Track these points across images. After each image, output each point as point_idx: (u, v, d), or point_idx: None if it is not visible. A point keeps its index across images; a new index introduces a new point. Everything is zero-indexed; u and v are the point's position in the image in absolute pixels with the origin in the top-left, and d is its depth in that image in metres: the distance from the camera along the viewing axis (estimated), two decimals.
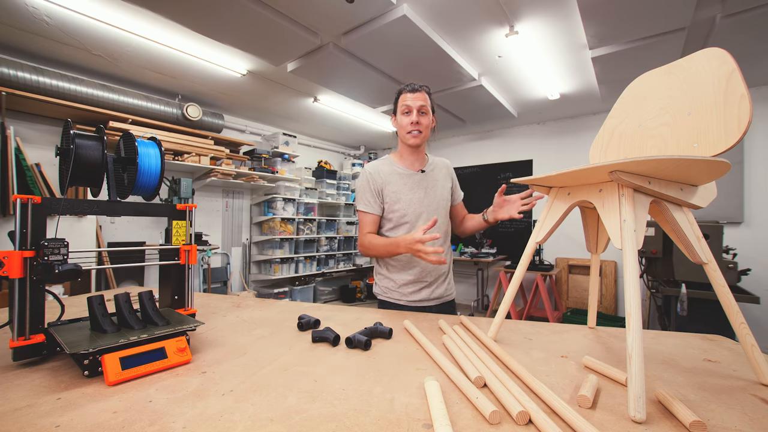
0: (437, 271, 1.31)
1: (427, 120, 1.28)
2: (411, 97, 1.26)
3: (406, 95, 1.27)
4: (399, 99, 1.31)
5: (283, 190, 4.57)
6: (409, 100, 1.26)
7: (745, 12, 2.25)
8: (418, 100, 1.26)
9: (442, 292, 1.33)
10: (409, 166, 1.35)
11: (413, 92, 1.27)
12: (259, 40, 2.57)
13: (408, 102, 1.26)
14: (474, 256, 4.65)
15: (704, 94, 0.66)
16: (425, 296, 1.29)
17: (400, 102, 1.29)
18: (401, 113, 1.29)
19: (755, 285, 3.31)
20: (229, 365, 0.69)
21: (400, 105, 1.29)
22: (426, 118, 1.28)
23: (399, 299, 1.30)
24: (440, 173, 1.38)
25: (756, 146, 3.50)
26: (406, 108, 1.27)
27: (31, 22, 2.45)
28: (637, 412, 0.49)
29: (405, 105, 1.27)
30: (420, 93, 1.27)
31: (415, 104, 1.26)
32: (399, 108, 1.30)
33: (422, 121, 1.27)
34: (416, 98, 1.26)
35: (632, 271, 0.56)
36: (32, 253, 0.67)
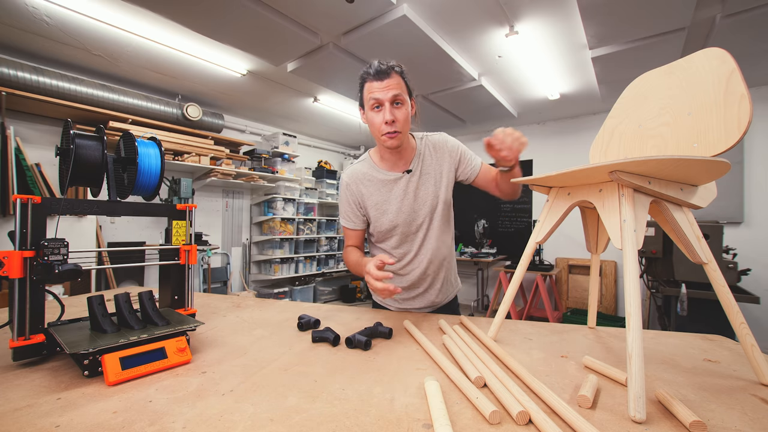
0: (433, 276, 1.17)
1: (405, 111, 1.01)
2: (379, 87, 0.97)
3: (372, 84, 0.98)
4: (364, 89, 1.02)
5: (283, 190, 4.57)
6: (378, 91, 0.97)
7: (745, 12, 2.25)
8: (390, 89, 0.97)
9: (441, 297, 1.21)
10: (392, 167, 1.12)
11: (380, 79, 0.97)
12: (259, 40, 2.57)
13: (377, 94, 0.97)
14: (474, 256, 4.65)
15: (704, 94, 0.66)
16: (422, 305, 1.19)
17: (366, 93, 1.00)
18: (370, 108, 1.01)
19: (755, 285, 3.31)
20: (229, 365, 0.69)
21: (367, 97, 1.00)
22: (402, 109, 1.00)
23: (390, 305, 1.23)
24: (434, 161, 1.13)
25: (756, 146, 3.50)
26: (375, 102, 0.98)
27: (31, 22, 2.45)
28: (637, 412, 0.49)
29: (373, 98, 0.98)
30: (390, 78, 0.97)
31: (387, 95, 0.97)
32: (366, 101, 1.01)
33: (398, 117, 0.99)
34: (387, 87, 0.97)
35: (632, 271, 0.56)
36: (32, 253, 0.67)
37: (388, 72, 0.98)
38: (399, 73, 1.01)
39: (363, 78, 1.02)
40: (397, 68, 1.00)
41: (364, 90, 1.02)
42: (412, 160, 1.12)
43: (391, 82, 0.98)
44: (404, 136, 1.04)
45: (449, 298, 1.25)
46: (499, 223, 5.12)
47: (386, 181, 1.12)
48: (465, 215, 5.35)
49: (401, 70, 1.02)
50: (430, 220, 1.13)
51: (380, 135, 1.02)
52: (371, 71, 0.99)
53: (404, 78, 1.03)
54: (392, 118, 0.98)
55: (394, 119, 0.99)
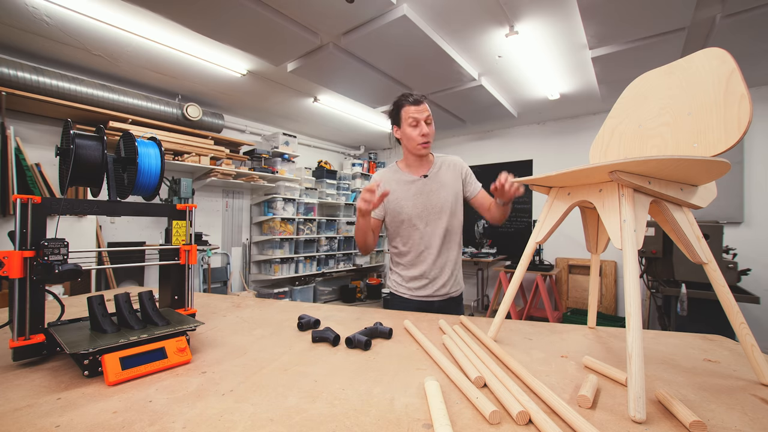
0: (440, 268, 1.36)
1: (433, 129, 1.35)
2: (416, 110, 1.31)
3: (410, 108, 1.32)
4: (402, 111, 1.34)
5: (283, 190, 4.57)
6: (416, 113, 1.31)
7: (745, 12, 2.25)
8: (424, 112, 1.31)
9: (447, 289, 1.37)
10: (414, 172, 1.41)
11: (417, 104, 1.31)
12: (259, 40, 2.57)
13: (415, 115, 1.31)
14: (474, 256, 4.65)
15: (704, 93, 0.66)
16: (430, 292, 1.35)
17: (405, 115, 1.33)
18: (408, 125, 1.33)
19: (755, 285, 3.31)
20: (229, 365, 0.69)
21: (405, 117, 1.33)
22: (431, 127, 1.34)
23: (404, 293, 1.39)
24: (447, 173, 1.41)
25: (756, 146, 3.50)
26: (414, 121, 1.31)
27: (31, 22, 2.45)
28: (637, 412, 0.49)
29: (412, 118, 1.31)
30: (423, 104, 1.33)
31: (422, 116, 1.31)
32: (404, 120, 1.34)
33: (430, 131, 1.33)
34: (421, 110, 1.31)
35: (632, 271, 0.56)
36: (32, 253, 0.67)
37: (422, 100, 1.33)
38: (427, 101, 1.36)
39: (401, 103, 1.35)
40: (426, 98, 1.36)
41: (402, 112, 1.34)
42: (430, 168, 1.42)
43: (424, 108, 1.32)
44: (430, 146, 1.36)
45: (453, 293, 1.40)
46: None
47: (407, 182, 1.39)
48: (465, 215, 5.33)
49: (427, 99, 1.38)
50: (440, 219, 1.36)
51: (417, 145, 1.33)
52: (410, 99, 1.33)
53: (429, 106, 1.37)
54: (428, 131, 1.32)
55: (428, 132, 1.32)
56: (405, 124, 1.34)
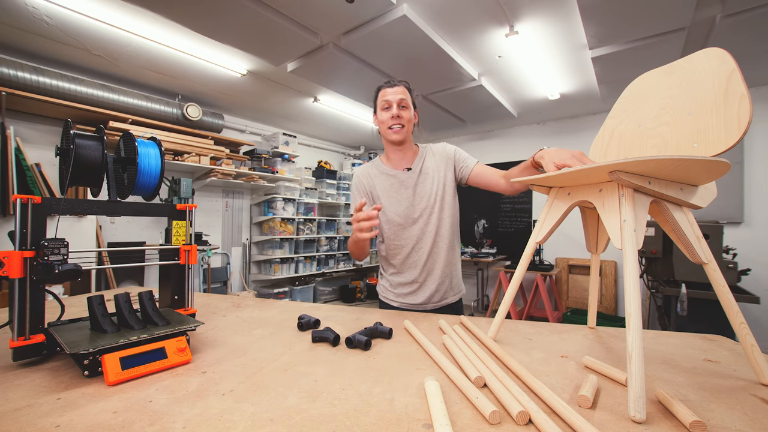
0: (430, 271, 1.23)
1: (408, 114, 1.23)
2: (390, 92, 1.22)
3: (385, 90, 1.23)
4: (378, 96, 1.26)
5: (283, 190, 4.57)
6: (389, 95, 1.22)
7: (745, 12, 2.25)
8: (398, 94, 1.21)
9: (441, 295, 1.24)
10: (396, 165, 1.30)
11: (392, 87, 1.23)
12: (259, 40, 2.57)
13: (387, 97, 1.22)
14: (474, 256, 4.65)
15: (704, 93, 0.66)
16: (421, 300, 1.23)
17: (380, 98, 1.25)
18: (381, 109, 1.24)
19: (755, 285, 3.31)
20: (229, 365, 0.69)
21: (380, 101, 1.24)
22: (407, 112, 1.23)
23: (392, 300, 1.28)
24: (433, 162, 1.28)
25: (756, 146, 3.50)
26: (386, 103, 1.22)
27: (31, 22, 2.45)
28: (637, 412, 0.49)
29: (384, 100, 1.22)
30: (399, 87, 1.23)
31: (395, 98, 1.21)
32: (378, 104, 1.25)
33: (403, 115, 1.22)
34: (395, 92, 1.22)
35: (632, 271, 0.56)
36: (32, 253, 0.67)
37: (398, 84, 1.24)
38: (407, 87, 1.26)
39: (378, 88, 1.27)
40: (405, 83, 1.26)
41: (378, 96, 1.26)
42: (414, 161, 1.30)
43: (399, 90, 1.23)
44: (407, 132, 1.24)
45: (449, 299, 1.27)
46: (499, 223, 5.12)
47: (389, 175, 1.29)
48: (465, 215, 5.34)
49: (409, 87, 1.27)
50: (428, 215, 1.24)
51: (387, 128, 1.23)
52: (385, 83, 1.25)
53: (410, 92, 1.27)
54: (397, 113, 1.21)
55: (400, 115, 1.21)
56: (379, 107, 1.25)
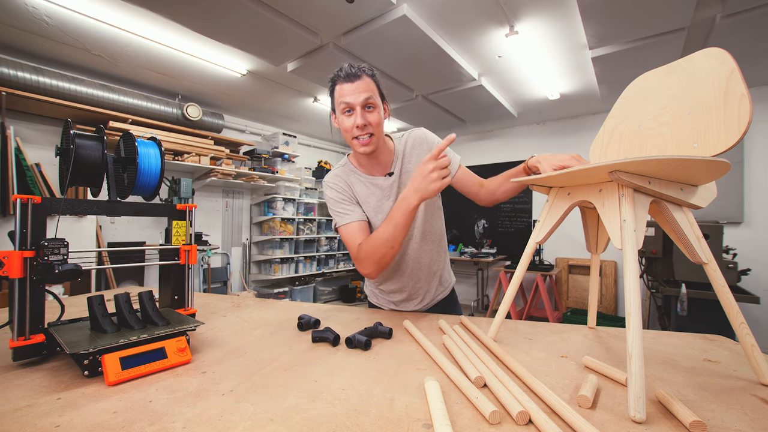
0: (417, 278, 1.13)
1: (377, 115, 0.96)
2: (349, 90, 0.93)
3: (342, 86, 0.95)
4: (334, 92, 0.98)
5: (283, 190, 4.57)
6: (349, 95, 0.93)
7: (745, 12, 2.25)
8: (361, 93, 0.93)
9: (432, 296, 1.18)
10: (372, 171, 1.08)
11: (351, 81, 0.94)
12: (259, 40, 2.57)
13: (348, 98, 0.94)
14: (474, 256, 4.65)
15: (704, 93, 0.66)
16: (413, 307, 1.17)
17: (336, 97, 0.97)
18: (341, 113, 0.97)
19: (755, 285, 3.31)
20: (229, 365, 0.69)
21: (338, 101, 0.96)
22: (375, 113, 0.96)
23: (384, 305, 1.22)
24: (415, 159, 1.08)
25: (756, 146, 3.50)
26: (346, 106, 0.95)
27: (31, 22, 2.45)
28: (637, 412, 0.49)
29: (344, 102, 0.94)
30: (360, 81, 0.94)
31: (357, 99, 0.93)
32: (337, 105, 0.97)
33: (371, 120, 0.95)
34: (357, 90, 0.93)
35: (632, 271, 0.56)
36: (32, 253, 0.67)
37: (358, 74, 0.94)
38: (370, 75, 0.97)
39: (333, 80, 0.98)
40: (368, 71, 0.97)
41: (335, 93, 0.98)
42: (392, 162, 1.07)
43: (361, 85, 0.94)
44: (378, 139, 0.99)
45: (441, 296, 1.21)
46: (499, 223, 5.12)
47: (368, 184, 1.07)
48: (465, 215, 5.35)
49: (372, 72, 0.99)
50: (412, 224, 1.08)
51: (352, 139, 0.98)
52: (341, 74, 0.95)
53: (376, 81, 0.99)
54: (363, 122, 0.94)
55: (366, 123, 0.94)
56: (338, 109, 0.97)
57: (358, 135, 0.96)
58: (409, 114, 4.22)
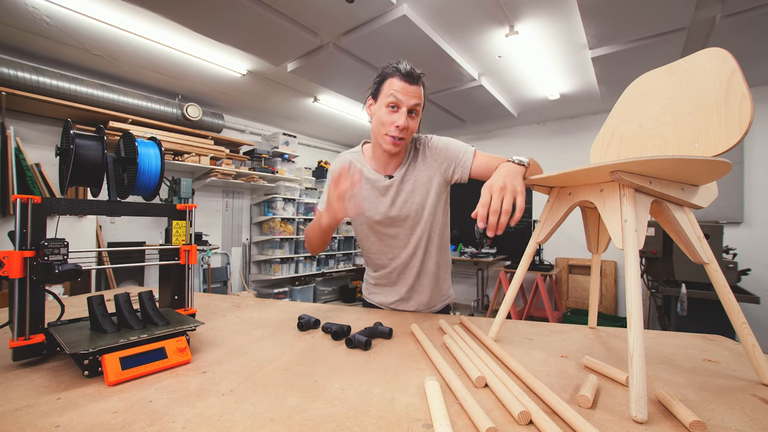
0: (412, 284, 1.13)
1: (416, 124, 1.00)
2: (404, 89, 0.95)
3: (397, 83, 0.95)
4: (384, 84, 0.98)
5: (283, 190, 4.57)
6: (403, 93, 0.95)
7: (745, 12, 2.25)
8: (413, 97, 0.96)
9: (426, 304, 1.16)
10: (381, 168, 1.09)
11: (409, 83, 0.95)
12: (259, 40, 2.57)
13: (400, 95, 0.95)
14: (474, 256, 4.65)
15: (705, 93, 0.66)
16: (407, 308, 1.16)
17: (386, 89, 0.97)
18: (386, 105, 0.97)
19: (755, 285, 3.31)
20: (229, 365, 0.69)
21: (386, 94, 0.97)
22: (416, 121, 1.00)
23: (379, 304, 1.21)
24: (423, 172, 1.07)
25: (756, 146, 3.50)
26: (395, 102, 0.95)
27: (31, 22, 2.45)
28: (638, 412, 0.49)
29: (394, 98, 0.95)
30: (417, 86, 0.97)
31: (409, 101, 0.95)
32: (383, 96, 0.98)
33: (411, 126, 0.98)
34: (412, 93, 0.95)
35: (634, 271, 0.56)
36: (32, 253, 0.67)
37: (418, 80, 0.97)
38: (424, 86, 1.00)
39: (389, 72, 0.98)
40: (424, 80, 1.00)
41: (386, 83, 0.97)
42: (399, 166, 1.09)
43: (417, 91, 0.97)
44: (406, 145, 1.04)
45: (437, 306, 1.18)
46: None
47: (369, 179, 1.09)
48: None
49: (426, 84, 1.02)
50: (409, 228, 1.09)
51: (385, 134, 0.98)
52: (401, 69, 0.95)
53: (425, 92, 1.02)
54: (405, 125, 0.96)
55: (406, 126, 0.96)
56: (383, 102, 0.97)
57: (394, 134, 0.97)
58: None
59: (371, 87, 1.04)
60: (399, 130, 0.96)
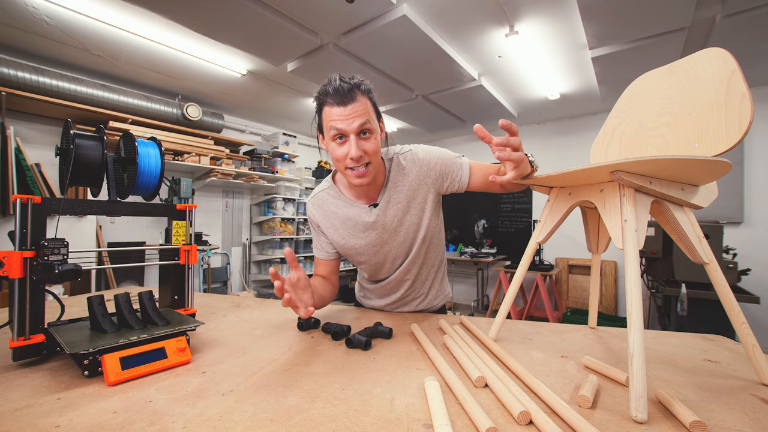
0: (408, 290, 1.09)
1: (375, 142, 0.84)
2: (341, 114, 0.79)
3: (334, 109, 0.80)
4: (323, 113, 0.83)
5: (283, 190, 4.57)
6: (341, 120, 0.79)
7: (745, 12, 2.25)
8: (355, 118, 0.79)
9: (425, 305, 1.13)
10: (361, 195, 0.98)
11: (344, 103, 0.79)
12: (259, 40, 2.57)
13: (339, 124, 0.80)
14: (474, 256, 4.65)
15: (705, 93, 0.66)
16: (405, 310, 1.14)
17: (326, 119, 0.82)
18: (331, 139, 0.82)
19: (755, 285, 3.31)
20: (229, 365, 0.69)
21: (327, 124, 0.82)
22: (372, 140, 0.83)
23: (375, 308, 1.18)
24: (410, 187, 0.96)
25: (756, 146, 3.50)
26: (337, 132, 0.81)
27: (31, 22, 2.45)
28: (638, 412, 0.49)
29: (335, 128, 0.80)
30: (355, 103, 0.80)
31: (351, 126, 0.79)
32: (326, 129, 0.83)
33: (368, 149, 0.82)
34: (351, 114, 0.79)
35: (634, 271, 0.56)
36: (32, 253, 0.67)
37: (352, 94, 0.79)
38: (365, 93, 0.83)
39: (322, 100, 0.83)
40: (363, 87, 0.83)
41: (324, 114, 0.83)
42: (381, 188, 0.96)
43: (356, 108, 0.80)
44: (375, 168, 0.88)
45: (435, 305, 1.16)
46: (499, 223, 5.12)
47: (349, 217, 0.98)
48: (465, 215, 5.34)
49: (367, 88, 0.85)
50: (407, 252, 1.03)
51: (344, 169, 0.85)
52: (330, 90, 0.80)
53: (372, 99, 0.86)
54: (359, 153, 0.81)
55: (362, 153, 0.81)
56: (328, 135, 0.83)
57: (353, 166, 0.83)
58: (409, 114, 4.22)
59: (315, 119, 0.90)
60: (356, 161, 0.82)
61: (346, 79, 0.81)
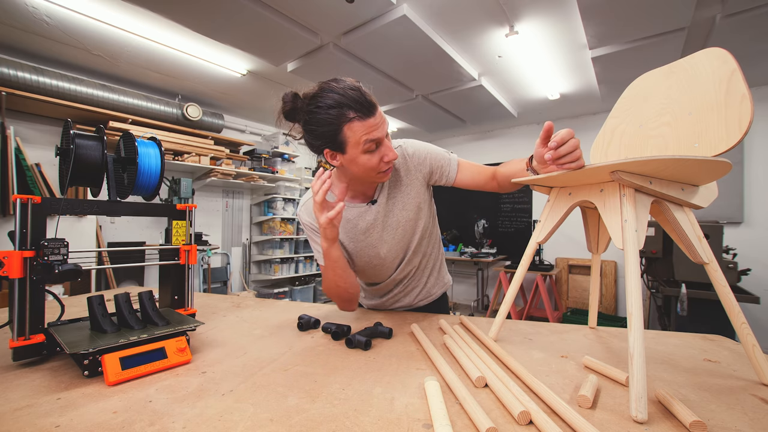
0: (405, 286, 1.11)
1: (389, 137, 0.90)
2: (373, 124, 0.80)
3: (363, 124, 0.79)
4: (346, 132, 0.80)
5: (283, 190, 4.57)
6: (375, 131, 0.80)
7: (745, 12, 2.25)
8: (383, 122, 0.83)
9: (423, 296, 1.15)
10: (358, 195, 0.98)
11: (371, 113, 0.79)
12: (259, 40, 2.57)
13: (375, 134, 0.80)
14: (474, 256, 4.65)
15: (705, 93, 0.66)
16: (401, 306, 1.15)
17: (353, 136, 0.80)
18: (363, 151, 0.81)
19: (755, 285, 3.31)
20: (229, 365, 0.69)
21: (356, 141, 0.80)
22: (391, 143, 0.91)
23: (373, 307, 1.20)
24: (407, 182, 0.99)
25: (756, 146, 3.50)
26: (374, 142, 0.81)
27: (31, 22, 2.45)
28: (638, 412, 0.49)
29: (371, 140, 0.80)
30: (379, 111, 0.82)
31: (384, 131, 0.83)
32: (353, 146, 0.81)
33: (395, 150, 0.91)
34: (380, 119, 0.81)
35: (634, 271, 0.56)
36: (32, 253, 0.67)
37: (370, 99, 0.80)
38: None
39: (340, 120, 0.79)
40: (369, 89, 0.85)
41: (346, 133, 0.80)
42: (377, 186, 0.98)
43: (380, 114, 0.82)
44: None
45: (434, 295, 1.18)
46: (499, 223, 5.12)
47: (348, 219, 0.98)
48: (465, 215, 5.34)
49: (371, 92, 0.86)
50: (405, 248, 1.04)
51: (376, 173, 0.86)
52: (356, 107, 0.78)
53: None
54: (393, 154, 0.85)
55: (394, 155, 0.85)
56: (355, 150, 0.81)
57: (387, 169, 0.86)
58: (409, 114, 4.22)
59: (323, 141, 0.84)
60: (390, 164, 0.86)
61: (355, 87, 0.81)
